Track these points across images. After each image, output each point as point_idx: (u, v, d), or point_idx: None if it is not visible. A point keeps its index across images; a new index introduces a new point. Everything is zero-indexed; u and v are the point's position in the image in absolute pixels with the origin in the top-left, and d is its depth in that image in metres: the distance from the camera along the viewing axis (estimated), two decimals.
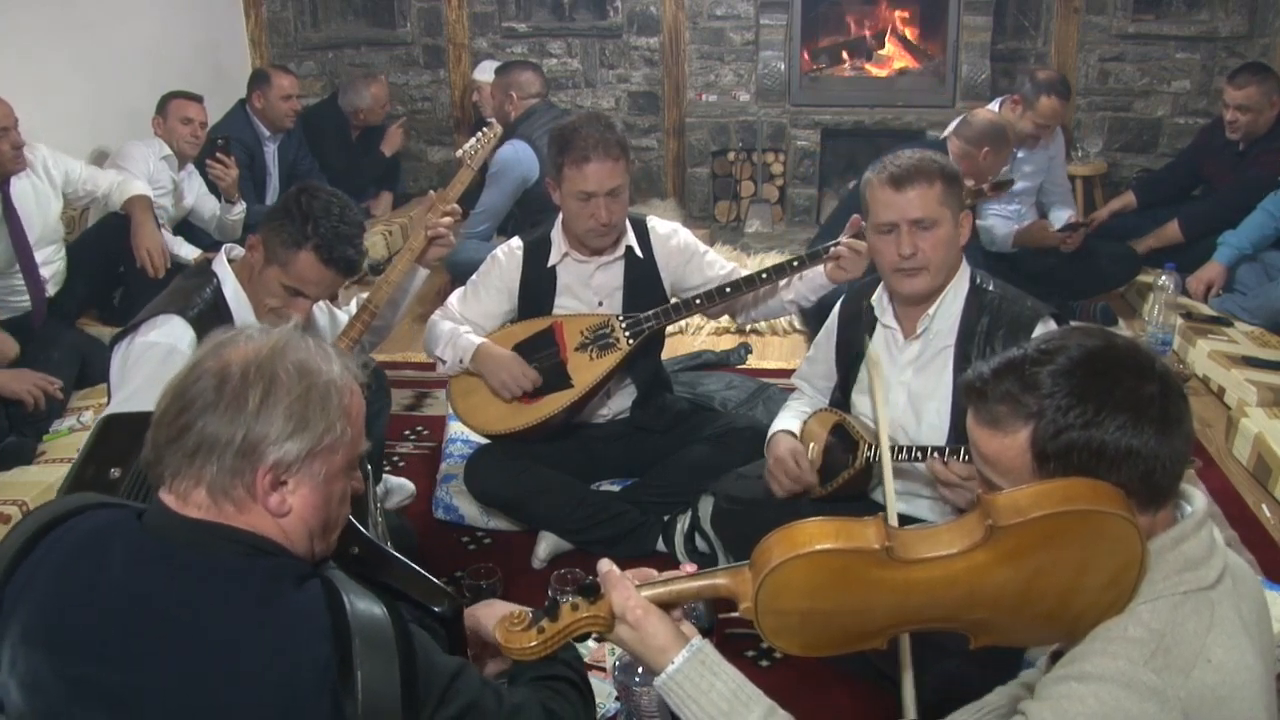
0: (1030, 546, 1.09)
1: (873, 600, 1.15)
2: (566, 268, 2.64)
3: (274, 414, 1.15)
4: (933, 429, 2.09)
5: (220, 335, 1.23)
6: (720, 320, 4.14)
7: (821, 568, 1.13)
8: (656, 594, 1.23)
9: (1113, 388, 1.13)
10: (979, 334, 2.06)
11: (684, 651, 1.20)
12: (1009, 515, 1.08)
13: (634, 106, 5.60)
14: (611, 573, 1.25)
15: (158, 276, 3.35)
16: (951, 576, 1.12)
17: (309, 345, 1.23)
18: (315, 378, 1.19)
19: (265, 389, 1.15)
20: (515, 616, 1.25)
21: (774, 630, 1.19)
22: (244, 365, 1.16)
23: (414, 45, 5.68)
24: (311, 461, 1.18)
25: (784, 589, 1.14)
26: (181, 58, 4.80)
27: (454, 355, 2.57)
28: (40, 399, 2.85)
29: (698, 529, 2.53)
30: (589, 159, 2.43)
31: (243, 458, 1.14)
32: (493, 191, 4.03)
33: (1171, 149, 5.26)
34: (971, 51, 5.07)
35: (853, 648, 1.23)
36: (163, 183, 3.87)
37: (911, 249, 2.03)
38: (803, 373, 2.46)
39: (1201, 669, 1.08)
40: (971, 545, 1.10)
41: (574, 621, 1.22)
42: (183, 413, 1.15)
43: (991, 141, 3.62)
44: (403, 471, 3.03)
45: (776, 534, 1.16)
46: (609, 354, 2.55)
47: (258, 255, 2.20)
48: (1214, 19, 5.12)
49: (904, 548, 1.12)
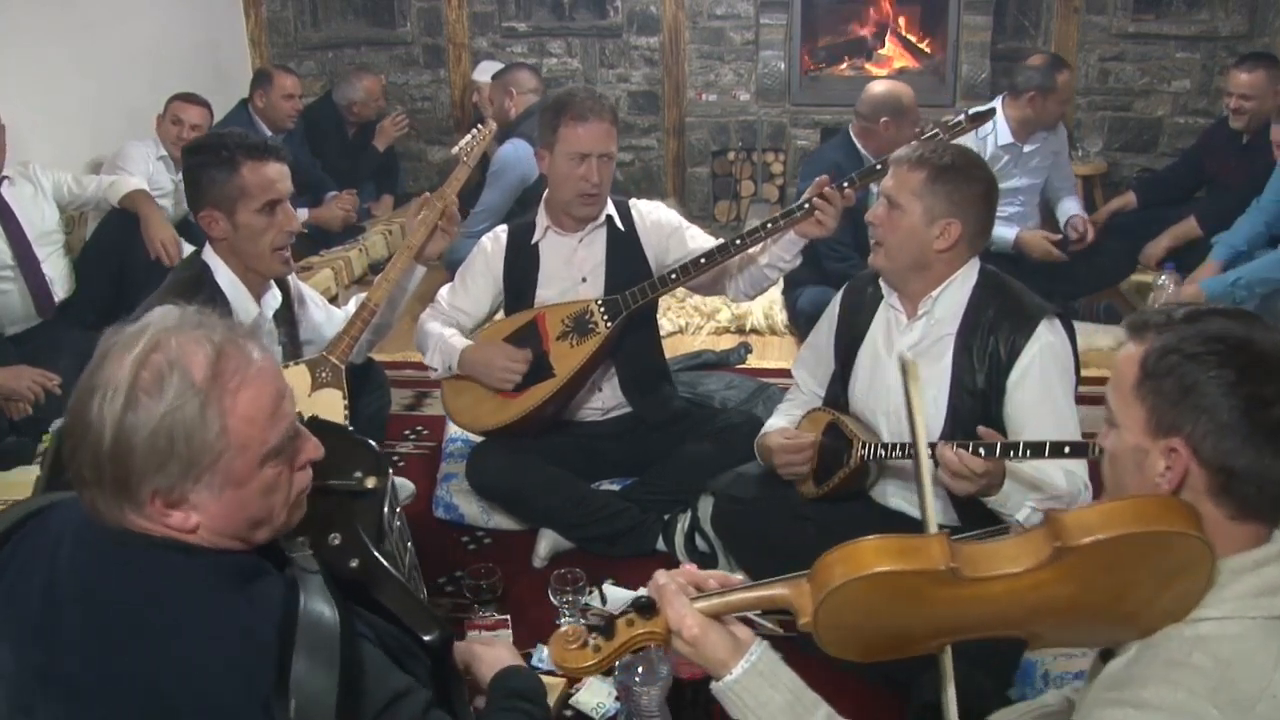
0: (1097, 565, 1.07)
1: (934, 614, 1.14)
2: (549, 244, 2.65)
3: (132, 459, 1.09)
4: (930, 416, 2.08)
5: (92, 370, 1.13)
6: (720, 320, 4.16)
7: (884, 587, 1.11)
8: (711, 606, 1.21)
9: (1236, 351, 1.10)
10: (983, 325, 2.06)
11: (742, 663, 1.19)
12: (1077, 535, 1.06)
13: (634, 106, 5.60)
14: (666, 588, 1.23)
15: (173, 266, 3.35)
16: (1015, 592, 1.10)
17: (167, 361, 1.11)
18: (171, 415, 1.09)
19: (116, 433, 1.09)
20: (570, 634, 1.25)
21: (832, 643, 1.18)
22: (99, 413, 1.10)
23: (414, 45, 5.68)
24: (196, 483, 1.12)
25: (845, 607, 1.13)
26: (181, 58, 4.80)
27: (442, 362, 2.60)
28: (40, 395, 2.85)
29: (698, 529, 2.53)
30: (586, 119, 2.47)
31: (122, 492, 1.11)
32: (493, 191, 4.03)
33: (1171, 149, 5.27)
34: (971, 51, 5.07)
35: (910, 654, 1.22)
36: (162, 183, 3.88)
37: (875, 220, 2.12)
38: (802, 359, 2.46)
39: (1266, 704, 1.04)
40: (1037, 564, 1.08)
41: (630, 639, 1.22)
42: (65, 447, 1.14)
43: (888, 111, 3.65)
44: (403, 471, 3.03)
45: (839, 552, 1.13)
46: (589, 339, 2.54)
47: (221, 222, 2.18)
48: (1214, 19, 5.12)
49: (969, 566, 1.10)
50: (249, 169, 2.14)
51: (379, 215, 5.09)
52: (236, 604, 1.13)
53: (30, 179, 3.37)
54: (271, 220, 2.18)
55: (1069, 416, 2.01)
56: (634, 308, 2.54)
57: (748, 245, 2.47)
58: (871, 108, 3.70)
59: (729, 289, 2.65)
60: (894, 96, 3.70)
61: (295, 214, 2.27)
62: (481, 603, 2.29)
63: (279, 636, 1.10)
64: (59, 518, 1.21)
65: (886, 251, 2.11)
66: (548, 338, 2.57)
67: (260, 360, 1.17)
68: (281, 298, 2.38)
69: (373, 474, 1.55)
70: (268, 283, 2.32)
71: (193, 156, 2.20)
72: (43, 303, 3.29)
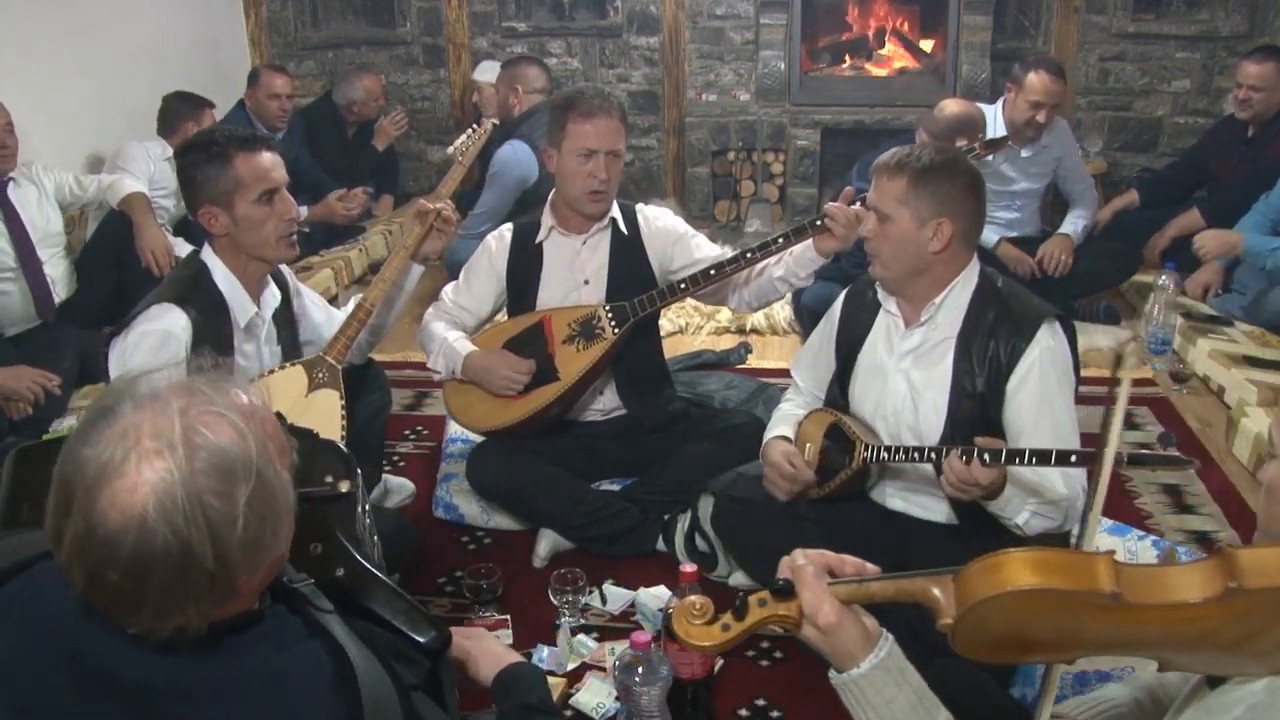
0: (1267, 607, 1.02)
1: (1077, 631, 1.10)
2: (553, 244, 2.65)
3: (231, 556, 0.99)
4: (929, 421, 2.09)
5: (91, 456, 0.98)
6: (720, 320, 4.16)
7: (1038, 602, 1.06)
8: (850, 591, 1.16)
9: None
10: (982, 328, 2.06)
11: (870, 658, 1.14)
12: (1255, 578, 0.99)
13: (634, 106, 5.60)
14: (805, 569, 1.17)
15: (164, 275, 3.35)
16: (1172, 621, 1.05)
17: (211, 433, 1.00)
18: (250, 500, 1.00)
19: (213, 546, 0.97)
20: (696, 607, 1.19)
21: (965, 644, 1.13)
22: (184, 534, 0.96)
23: (414, 45, 5.68)
24: None
25: (992, 615, 1.08)
26: (181, 58, 4.80)
27: (446, 366, 2.60)
28: (40, 395, 2.86)
29: (698, 529, 2.52)
30: (594, 115, 2.48)
31: (226, 594, 1.02)
32: (492, 192, 4.03)
33: (1171, 148, 5.27)
34: (971, 51, 5.07)
35: (1035, 661, 1.18)
36: (164, 183, 3.88)
37: (868, 233, 2.11)
38: (799, 360, 2.45)
39: None
40: (1205, 599, 1.02)
41: (761, 619, 1.17)
42: (130, 582, 0.97)
43: (963, 132, 3.53)
44: (403, 471, 3.03)
45: (993, 560, 1.08)
46: (595, 344, 2.55)
47: (220, 217, 2.17)
48: (1214, 19, 5.12)
49: (1132, 592, 1.04)
50: (242, 160, 2.13)
51: (379, 215, 5.09)
52: (300, 692, 1.06)
53: (34, 180, 3.37)
54: (271, 210, 2.17)
55: (1068, 421, 2.01)
56: (642, 314, 2.55)
57: (760, 258, 2.48)
58: (945, 128, 3.58)
59: (732, 300, 2.65)
60: (969, 118, 3.60)
61: (294, 202, 2.26)
62: (481, 603, 2.29)
63: (339, 696, 1.05)
64: (49, 592, 1.06)
65: (882, 262, 2.10)
66: (553, 341, 2.58)
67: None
68: (281, 297, 2.37)
69: (344, 477, 1.47)
70: (267, 281, 2.31)
71: (185, 156, 2.20)
72: (43, 304, 3.29)
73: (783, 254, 2.48)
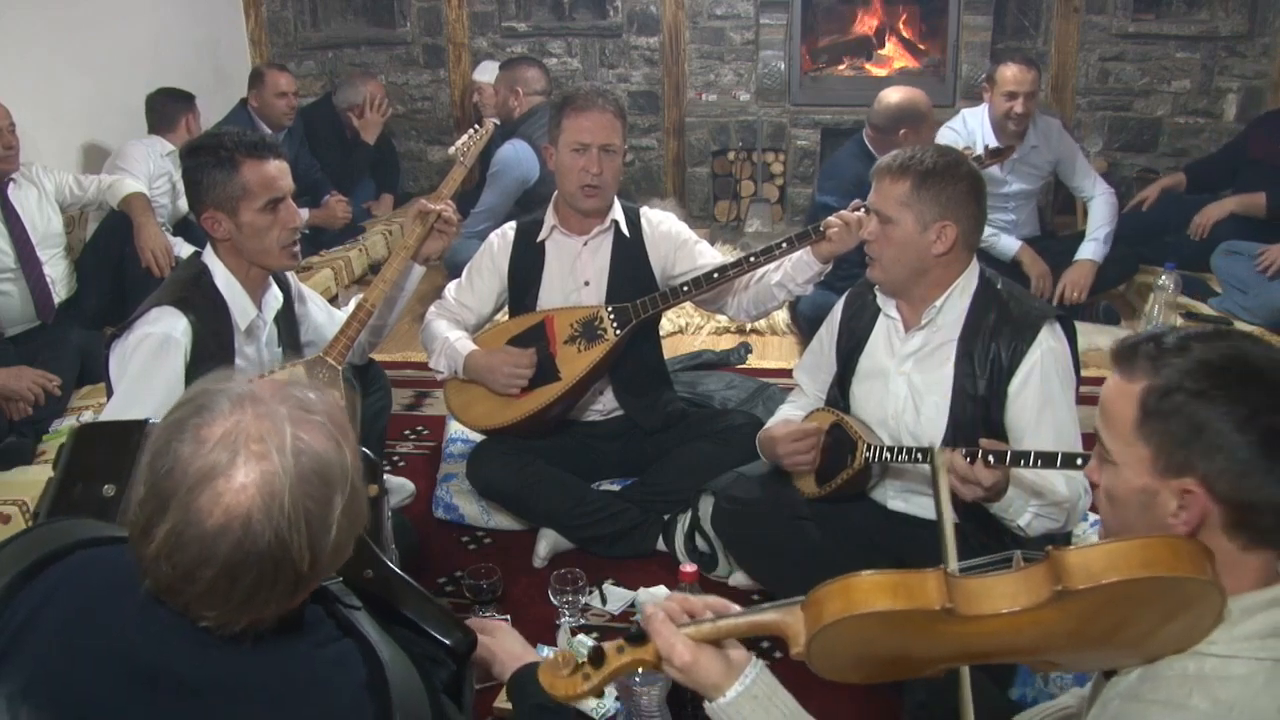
0: (1100, 607, 1.04)
1: (934, 645, 1.12)
2: (555, 244, 2.66)
3: (323, 558, 1.03)
4: (931, 423, 2.09)
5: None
6: (720, 320, 4.16)
7: (879, 623, 1.09)
8: (701, 632, 1.20)
9: (1243, 383, 1.07)
10: (984, 330, 2.06)
11: (736, 686, 1.17)
12: (1080, 579, 1.02)
13: (634, 106, 5.60)
14: (654, 617, 1.21)
15: (164, 276, 3.35)
16: (1015, 628, 1.07)
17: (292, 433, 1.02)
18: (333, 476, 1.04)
19: (308, 521, 1.01)
20: (561, 661, 1.23)
21: (827, 670, 1.17)
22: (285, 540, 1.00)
23: (414, 45, 5.68)
24: None
25: (839, 640, 1.12)
26: (181, 57, 4.80)
27: (448, 365, 2.61)
28: (40, 396, 2.85)
29: (698, 529, 2.53)
30: (588, 109, 2.50)
31: (300, 592, 1.06)
32: (492, 191, 4.03)
33: (1171, 148, 5.27)
34: (971, 51, 5.07)
35: (912, 676, 1.21)
36: (164, 180, 3.88)
37: (869, 236, 2.11)
38: (803, 364, 2.46)
39: None
40: (1034, 604, 1.04)
41: (620, 665, 1.21)
42: (224, 579, 1.00)
43: (907, 121, 3.50)
44: (403, 471, 3.03)
45: (833, 586, 1.11)
46: (597, 345, 2.55)
47: (224, 223, 2.16)
48: (1214, 19, 5.12)
49: (965, 604, 1.07)
50: (249, 168, 2.13)
51: (379, 215, 5.08)
52: (335, 690, 1.08)
53: (34, 181, 3.37)
54: (274, 218, 2.17)
55: (1070, 422, 2.01)
56: (644, 316, 2.55)
57: (763, 262, 2.48)
58: (888, 119, 3.56)
59: (730, 307, 2.66)
60: (911, 105, 3.57)
61: (297, 211, 2.26)
62: (481, 603, 2.29)
63: (370, 695, 1.07)
64: (96, 573, 1.09)
65: (882, 265, 2.10)
66: (555, 341, 2.58)
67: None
68: (283, 299, 2.37)
69: (371, 482, 1.50)
70: (268, 283, 2.31)
71: (191, 158, 2.19)
72: (43, 305, 3.29)
73: (782, 260, 2.49)
